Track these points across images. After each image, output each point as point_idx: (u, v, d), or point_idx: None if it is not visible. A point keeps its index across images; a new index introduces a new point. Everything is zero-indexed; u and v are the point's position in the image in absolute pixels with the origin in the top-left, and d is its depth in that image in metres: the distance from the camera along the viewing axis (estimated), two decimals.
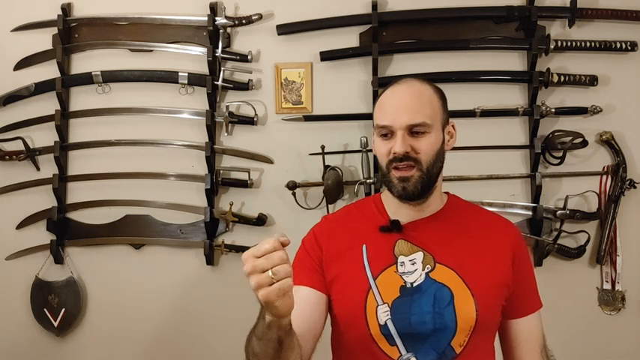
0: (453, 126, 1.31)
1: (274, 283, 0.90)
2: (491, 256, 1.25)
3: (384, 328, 1.18)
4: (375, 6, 2.10)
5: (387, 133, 1.22)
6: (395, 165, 1.21)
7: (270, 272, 0.90)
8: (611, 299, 2.08)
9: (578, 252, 2.06)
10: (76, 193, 2.24)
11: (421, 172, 1.21)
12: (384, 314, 1.18)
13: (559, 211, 2.06)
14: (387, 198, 1.31)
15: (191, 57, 2.19)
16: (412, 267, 1.22)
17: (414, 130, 1.21)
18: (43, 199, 2.23)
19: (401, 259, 1.23)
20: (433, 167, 1.23)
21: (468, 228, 1.29)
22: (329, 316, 1.28)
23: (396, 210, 1.28)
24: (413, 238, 1.25)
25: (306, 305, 1.22)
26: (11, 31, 2.25)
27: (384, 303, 1.19)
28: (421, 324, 1.18)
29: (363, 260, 1.24)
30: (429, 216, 1.28)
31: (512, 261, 1.27)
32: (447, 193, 1.36)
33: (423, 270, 1.22)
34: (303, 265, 1.29)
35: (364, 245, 1.25)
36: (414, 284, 1.20)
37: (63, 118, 2.21)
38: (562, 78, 2.05)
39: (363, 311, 1.20)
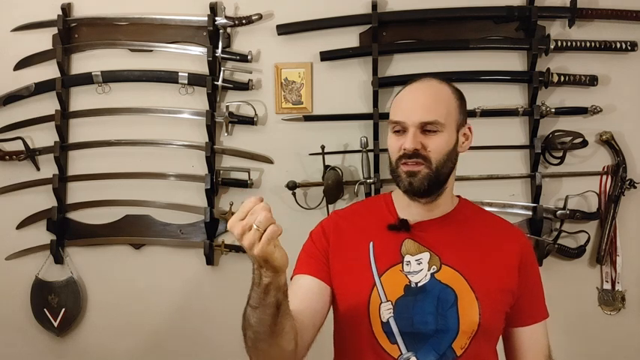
0: (469, 128, 1.30)
1: (263, 234, 0.92)
2: (497, 261, 1.25)
3: (385, 326, 1.18)
4: (375, 6, 2.10)
5: (400, 130, 1.22)
6: (404, 161, 1.21)
7: (254, 225, 0.92)
8: (611, 299, 2.08)
9: (578, 252, 2.07)
10: (76, 193, 2.24)
11: (429, 169, 1.20)
12: (386, 312, 1.18)
13: (559, 211, 2.06)
14: (397, 197, 1.31)
15: (191, 57, 2.19)
16: (418, 267, 1.22)
17: (426, 128, 1.20)
18: (43, 199, 2.23)
19: (407, 258, 1.23)
20: (443, 167, 1.22)
21: (477, 232, 1.28)
22: (332, 311, 1.28)
23: (406, 209, 1.28)
24: (420, 238, 1.25)
25: (308, 295, 1.22)
26: (11, 31, 2.25)
27: (387, 301, 1.19)
28: (423, 324, 1.18)
29: (370, 257, 1.23)
30: (438, 217, 1.28)
31: (519, 268, 1.26)
32: (458, 196, 1.35)
33: (428, 270, 1.21)
34: (308, 255, 1.29)
35: (371, 242, 1.25)
36: (419, 284, 1.20)
37: (63, 118, 2.21)
38: (562, 78, 2.06)
39: (367, 307, 1.20)
